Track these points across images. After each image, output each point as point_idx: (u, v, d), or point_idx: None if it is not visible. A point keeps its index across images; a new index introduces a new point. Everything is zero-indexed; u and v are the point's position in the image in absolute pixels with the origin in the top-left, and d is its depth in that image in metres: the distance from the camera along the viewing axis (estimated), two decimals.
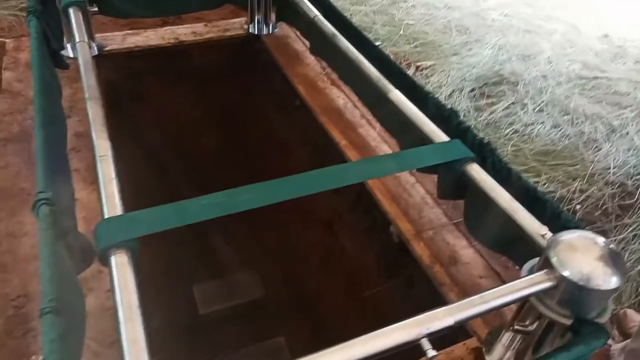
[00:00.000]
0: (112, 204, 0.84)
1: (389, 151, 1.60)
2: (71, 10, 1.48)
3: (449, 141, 1.06)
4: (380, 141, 1.63)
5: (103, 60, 1.97)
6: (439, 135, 1.11)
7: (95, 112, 1.06)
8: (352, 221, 1.58)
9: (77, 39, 1.34)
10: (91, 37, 1.89)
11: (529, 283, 0.79)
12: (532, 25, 2.70)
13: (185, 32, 2.23)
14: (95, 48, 1.94)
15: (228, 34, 2.22)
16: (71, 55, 1.89)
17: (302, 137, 1.83)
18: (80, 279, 0.93)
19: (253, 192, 0.87)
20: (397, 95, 1.25)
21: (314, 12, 1.71)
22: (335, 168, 0.95)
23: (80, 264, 0.97)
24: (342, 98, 1.83)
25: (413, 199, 1.42)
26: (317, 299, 1.85)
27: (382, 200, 1.43)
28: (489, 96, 2.25)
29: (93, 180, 1.40)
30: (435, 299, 1.18)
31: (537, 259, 0.89)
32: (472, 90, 2.29)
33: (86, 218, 1.27)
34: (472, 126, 1.46)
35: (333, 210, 1.71)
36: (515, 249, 0.97)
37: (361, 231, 1.51)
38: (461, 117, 1.21)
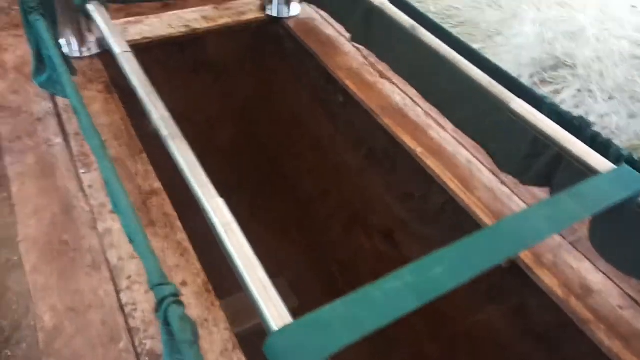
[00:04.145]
0: (275, 305, 0.63)
1: (469, 156, 1.44)
2: (93, 8, 1.17)
3: (617, 169, 0.90)
4: (456, 145, 1.46)
5: (106, 58, 1.64)
6: (592, 158, 0.96)
7: (186, 155, 0.82)
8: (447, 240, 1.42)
9: (118, 50, 1.06)
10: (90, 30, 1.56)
11: None
12: None
13: (194, 17, 1.92)
14: (95, 44, 1.61)
15: (245, 17, 1.93)
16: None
17: (360, 141, 1.62)
18: None
19: (445, 262, 0.69)
20: (521, 106, 1.07)
21: None
22: (523, 215, 0.78)
23: None
24: (399, 94, 1.63)
25: None
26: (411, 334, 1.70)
27: (482, 218, 1.27)
28: (550, 82, 2.11)
29: (148, 222, 1.15)
30: (583, 342, 1.05)
31: None
32: (531, 76, 2.13)
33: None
34: None
35: (416, 225, 1.54)
36: None
37: None
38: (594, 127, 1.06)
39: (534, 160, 1.21)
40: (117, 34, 1.12)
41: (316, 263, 2.04)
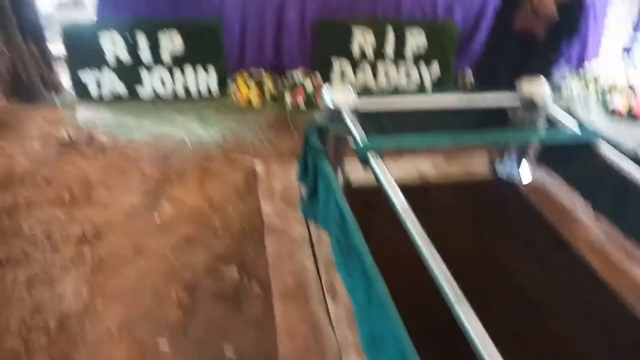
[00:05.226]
0: None
1: None
2: (370, 157, 1.34)
3: None
4: None
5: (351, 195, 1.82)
6: None
7: (474, 324, 0.82)
8: None
9: (397, 202, 1.17)
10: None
11: None
12: None
13: (425, 166, 2.07)
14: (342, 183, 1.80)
15: (473, 174, 2.01)
16: None
17: (600, 324, 1.46)
18: None
19: None
20: None
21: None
22: None
23: None
24: None
25: None
26: None
27: None
28: None
29: None
30: None
31: None
32: None
33: None
34: None
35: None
36: None
37: None
38: None
39: None
40: (394, 184, 1.25)
41: None
